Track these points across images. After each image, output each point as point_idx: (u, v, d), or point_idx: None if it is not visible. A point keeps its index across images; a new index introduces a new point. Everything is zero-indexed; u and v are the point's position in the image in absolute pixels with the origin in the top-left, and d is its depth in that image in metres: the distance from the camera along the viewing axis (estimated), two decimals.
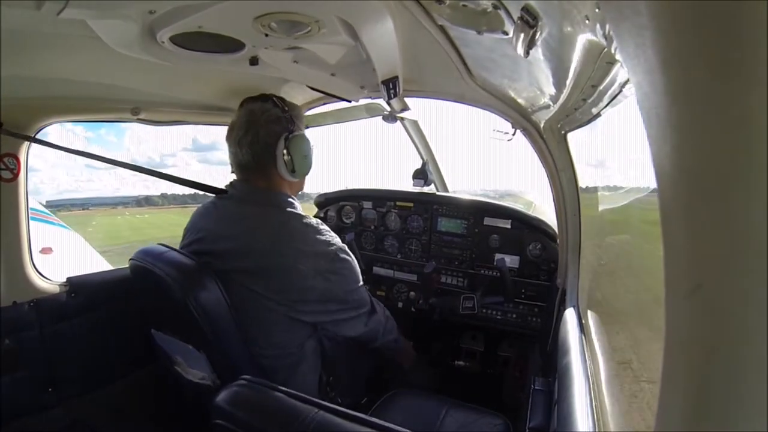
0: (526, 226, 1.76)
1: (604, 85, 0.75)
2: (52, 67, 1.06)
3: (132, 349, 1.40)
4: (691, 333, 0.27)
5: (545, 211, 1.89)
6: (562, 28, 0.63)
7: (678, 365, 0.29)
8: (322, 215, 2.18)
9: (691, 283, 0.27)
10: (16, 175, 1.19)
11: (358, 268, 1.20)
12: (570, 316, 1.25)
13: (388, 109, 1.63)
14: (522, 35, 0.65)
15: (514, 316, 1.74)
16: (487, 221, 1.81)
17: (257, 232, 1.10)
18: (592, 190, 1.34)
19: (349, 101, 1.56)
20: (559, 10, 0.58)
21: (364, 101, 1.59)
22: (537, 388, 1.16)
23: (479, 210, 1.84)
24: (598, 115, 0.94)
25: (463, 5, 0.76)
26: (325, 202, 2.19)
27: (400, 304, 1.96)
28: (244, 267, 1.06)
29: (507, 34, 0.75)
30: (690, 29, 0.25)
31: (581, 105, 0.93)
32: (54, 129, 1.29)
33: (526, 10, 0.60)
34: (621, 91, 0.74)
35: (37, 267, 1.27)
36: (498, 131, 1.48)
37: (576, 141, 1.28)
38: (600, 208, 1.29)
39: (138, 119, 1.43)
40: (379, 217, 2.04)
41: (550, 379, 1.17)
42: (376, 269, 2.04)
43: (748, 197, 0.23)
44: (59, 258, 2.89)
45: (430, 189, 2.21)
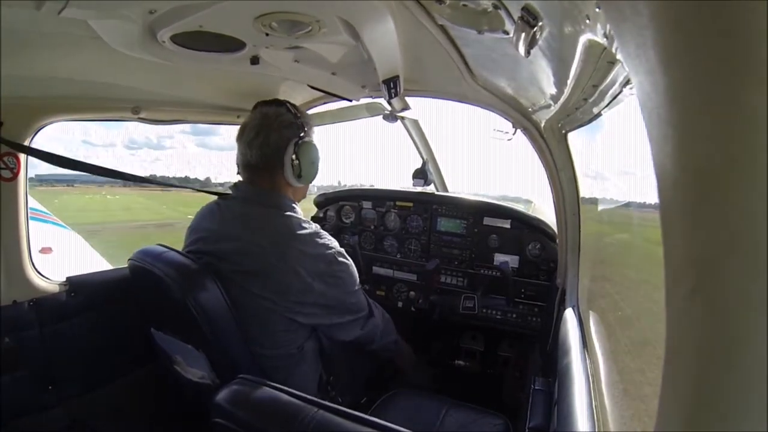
0: (525, 225, 1.76)
1: (605, 84, 0.75)
2: (52, 66, 1.06)
3: (132, 348, 1.40)
4: (691, 333, 0.27)
5: (544, 211, 1.90)
6: (563, 27, 0.63)
7: (678, 365, 0.29)
8: (321, 215, 2.18)
9: (691, 283, 0.27)
10: (15, 175, 1.19)
11: (356, 272, 1.20)
12: (570, 316, 1.25)
13: (389, 108, 1.63)
14: (522, 35, 0.65)
15: (514, 316, 1.75)
16: (487, 221, 1.81)
17: (258, 233, 1.10)
18: (592, 189, 1.34)
19: (350, 100, 1.56)
20: (560, 9, 0.58)
21: (364, 100, 1.59)
22: (537, 388, 1.16)
23: (479, 210, 1.84)
24: (598, 114, 0.94)
25: (463, 5, 0.76)
26: (324, 201, 2.19)
27: (400, 304, 1.96)
28: (244, 268, 1.06)
29: (507, 33, 0.75)
30: (691, 29, 0.25)
31: (582, 105, 0.93)
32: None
33: (526, 9, 0.60)
34: (622, 90, 0.74)
35: (36, 266, 1.27)
36: (498, 131, 1.48)
37: (576, 141, 1.28)
38: (600, 208, 1.29)
39: (138, 118, 1.43)
40: (378, 217, 2.04)
41: (550, 379, 1.17)
42: (375, 269, 2.04)
43: (748, 197, 0.23)
44: (59, 257, 2.89)
45: (430, 189, 2.21)
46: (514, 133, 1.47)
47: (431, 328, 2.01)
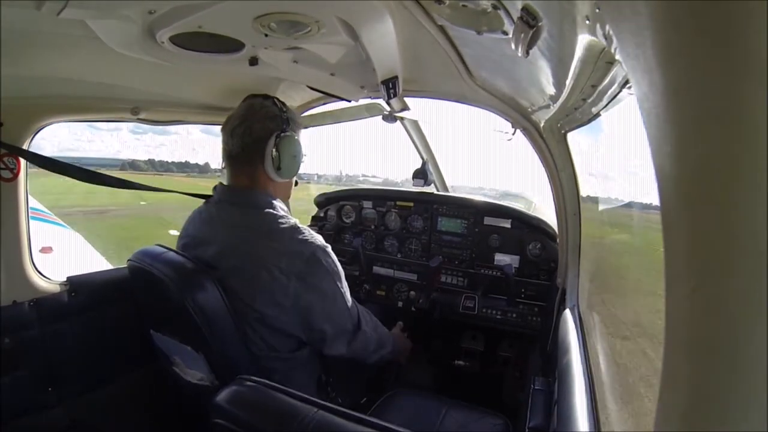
0: (526, 225, 1.76)
1: (603, 84, 0.75)
2: (52, 66, 1.06)
3: (132, 348, 1.39)
4: (691, 333, 0.27)
5: (544, 211, 1.90)
6: (562, 28, 0.63)
7: (678, 365, 0.29)
8: (322, 215, 2.19)
9: (692, 282, 0.27)
10: (16, 175, 1.19)
11: (340, 273, 1.14)
12: (570, 316, 1.25)
13: (388, 109, 1.63)
14: (522, 35, 0.65)
15: (514, 315, 1.75)
16: (487, 221, 1.81)
17: (234, 235, 1.08)
18: (592, 189, 1.34)
19: (349, 101, 1.56)
20: (559, 10, 0.58)
21: (363, 101, 1.59)
22: (537, 388, 1.16)
23: (479, 210, 1.84)
24: (597, 114, 0.94)
25: (462, 5, 0.76)
26: (325, 201, 2.19)
27: (400, 304, 1.96)
28: (225, 271, 1.05)
29: (507, 34, 0.75)
30: (689, 29, 0.25)
31: (581, 105, 0.93)
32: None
33: (525, 10, 0.60)
34: (621, 91, 0.74)
35: (37, 266, 1.27)
36: (499, 131, 1.49)
37: (576, 141, 1.28)
38: (600, 208, 1.29)
39: (138, 119, 1.43)
40: (379, 217, 2.04)
41: (550, 379, 1.17)
42: (376, 269, 2.04)
43: (748, 196, 0.23)
44: (59, 257, 2.89)
45: (431, 189, 2.21)
46: (513, 134, 1.47)
47: (431, 328, 2.01)
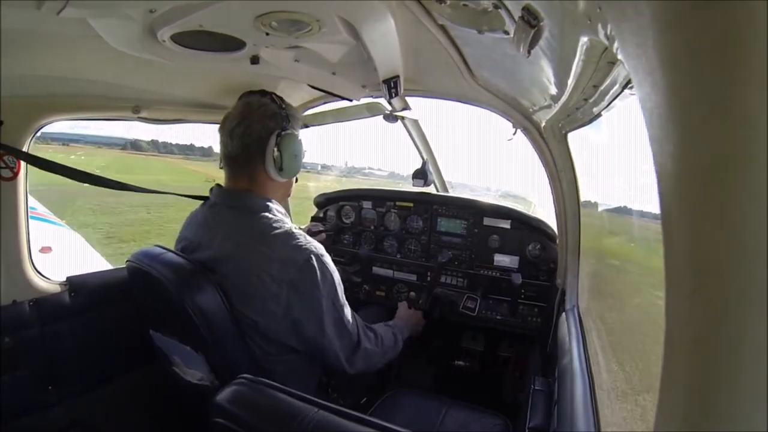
0: (525, 226, 1.76)
1: (605, 85, 0.75)
2: (52, 65, 1.06)
3: (132, 348, 1.39)
4: (691, 333, 0.27)
5: (543, 212, 1.90)
6: (564, 27, 0.63)
7: (678, 365, 0.29)
8: (321, 215, 2.18)
9: (692, 282, 0.27)
10: (16, 174, 1.19)
11: (338, 286, 1.10)
12: (570, 316, 1.25)
13: (389, 108, 1.63)
14: (523, 35, 0.65)
15: (514, 316, 1.75)
16: (487, 221, 1.81)
17: (228, 240, 1.07)
18: (593, 190, 1.34)
19: (350, 100, 1.55)
20: (561, 9, 0.58)
21: (364, 100, 1.59)
22: (537, 388, 1.16)
23: (479, 210, 1.84)
24: (599, 115, 0.94)
25: (464, 5, 0.76)
26: (324, 201, 2.19)
27: None
28: (221, 276, 1.04)
29: (508, 33, 0.75)
30: (691, 29, 0.25)
31: (582, 105, 0.93)
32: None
33: (527, 9, 0.60)
34: (622, 91, 0.74)
35: (36, 266, 1.27)
36: (509, 139, 1.48)
37: (577, 141, 1.28)
38: (600, 209, 1.28)
39: (139, 117, 1.43)
40: (378, 217, 2.04)
41: (550, 379, 1.17)
42: (375, 269, 2.04)
43: (748, 197, 0.23)
44: (59, 257, 2.89)
45: (430, 189, 2.21)
46: (514, 134, 1.47)
47: (431, 328, 2.01)
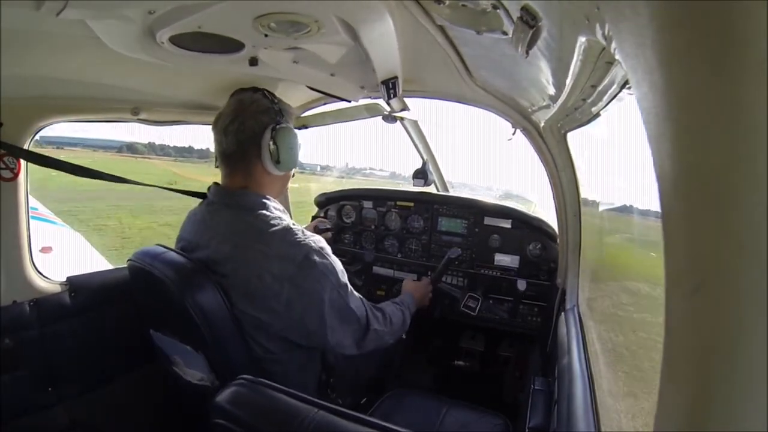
0: (526, 226, 1.76)
1: (603, 85, 0.75)
2: (51, 66, 1.06)
3: (132, 348, 1.39)
4: (692, 332, 0.27)
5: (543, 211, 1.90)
6: (562, 28, 0.63)
7: (678, 365, 0.29)
8: (322, 215, 2.18)
9: (692, 282, 0.27)
10: (16, 175, 1.19)
11: (341, 275, 1.09)
12: (570, 315, 1.25)
13: (388, 109, 1.63)
14: (521, 35, 0.65)
15: (515, 315, 1.75)
16: (488, 221, 1.81)
17: (226, 239, 1.07)
18: (593, 190, 1.34)
19: (349, 101, 1.56)
20: (559, 10, 0.58)
21: (363, 101, 1.59)
22: (537, 388, 1.16)
23: (479, 210, 1.84)
24: (597, 114, 0.94)
25: (462, 5, 0.76)
26: (325, 201, 2.19)
27: None
28: (221, 276, 1.04)
29: (506, 34, 0.75)
30: (689, 29, 0.25)
31: (581, 105, 0.93)
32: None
33: (525, 10, 0.60)
34: (620, 91, 0.74)
35: (37, 266, 1.27)
36: (508, 139, 1.49)
37: (576, 141, 1.28)
38: (601, 209, 1.29)
39: (138, 119, 1.43)
40: (379, 217, 2.04)
41: (550, 379, 1.17)
42: (376, 269, 2.04)
43: (748, 196, 0.23)
44: (59, 257, 2.89)
45: (431, 189, 2.21)
46: (513, 133, 1.48)
47: (431, 328, 2.01)
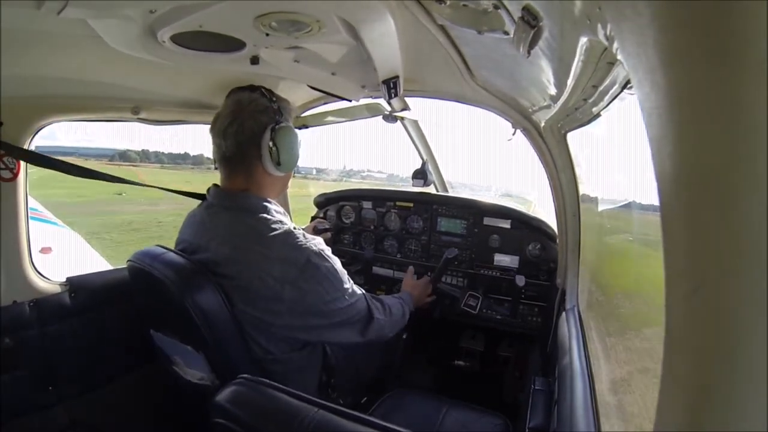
0: (525, 226, 1.76)
1: (605, 85, 0.75)
2: (52, 66, 1.06)
3: (132, 348, 1.39)
4: (691, 332, 0.27)
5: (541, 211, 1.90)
6: (563, 28, 0.63)
7: (678, 365, 0.29)
8: (321, 215, 2.18)
9: (692, 283, 0.27)
10: (15, 175, 1.19)
11: (341, 274, 1.10)
12: (570, 315, 1.25)
13: (389, 108, 1.63)
14: (523, 35, 0.65)
15: (514, 316, 1.75)
16: (487, 221, 1.81)
17: (226, 242, 1.06)
18: (593, 190, 1.34)
19: (350, 100, 1.56)
20: (560, 10, 0.58)
21: (364, 101, 1.59)
22: (537, 388, 1.16)
23: (479, 210, 1.84)
24: (598, 115, 0.94)
25: (463, 5, 0.76)
26: (324, 202, 2.19)
27: None
28: (221, 278, 1.04)
29: (508, 33, 0.75)
30: (691, 29, 0.25)
31: (582, 105, 0.93)
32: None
33: (526, 10, 0.60)
34: (622, 91, 0.74)
35: (36, 267, 1.27)
36: (509, 140, 1.49)
37: (576, 141, 1.28)
38: (600, 209, 1.28)
39: (138, 118, 1.43)
40: (378, 217, 2.04)
41: (550, 379, 1.17)
42: (375, 269, 2.04)
43: (749, 196, 0.23)
44: (58, 257, 2.89)
45: (430, 189, 2.21)
46: (513, 134, 1.48)
47: (431, 328, 2.01)
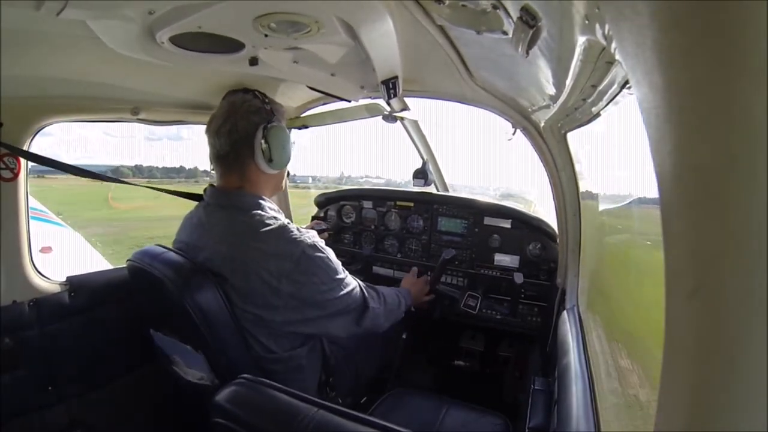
0: (526, 225, 1.76)
1: (603, 85, 0.76)
2: (52, 66, 1.06)
3: (132, 348, 1.40)
4: (691, 332, 0.27)
5: (542, 210, 1.90)
6: (562, 28, 0.63)
7: (678, 365, 0.29)
8: (322, 215, 2.19)
9: (692, 283, 0.27)
10: (16, 175, 1.19)
11: (336, 264, 1.13)
12: (570, 316, 1.25)
13: (388, 109, 1.63)
14: (522, 35, 0.65)
15: (514, 316, 1.75)
16: (487, 221, 1.81)
17: (223, 240, 1.08)
18: (593, 190, 1.34)
19: (349, 101, 1.56)
20: (559, 10, 0.58)
21: (363, 101, 1.59)
22: (537, 388, 1.16)
23: (479, 210, 1.84)
24: (597, 114, 0.94)
25: (462, 5, 0.76)
26: (325, 201, 2.19)
27: None
28: (218, 276, 1.04)
29: (506, 34, 0.75)
30: (690, 29, 0.25)
31: (581, 105, 0.93)
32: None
33: (525, 10, 0.60)
34: (621, 91, 0.74)
35: (36, 266, 1.27)
36: (509, 140, 1.49)
37: (576, 141, 1.28)
38: (600, 208, 1.28)
39: (138, 119, 1.43)
40: (379, 217, 2.04)
41: (550, 379, 1.17)
42: (375, 269, 2.04)
43: (748, 197, 0.23)
44: (59, 256, 2.89)
45: (431, 189, 2.21)
46: (513, 133, 1.48)
47: (431, 328, 2.01)
